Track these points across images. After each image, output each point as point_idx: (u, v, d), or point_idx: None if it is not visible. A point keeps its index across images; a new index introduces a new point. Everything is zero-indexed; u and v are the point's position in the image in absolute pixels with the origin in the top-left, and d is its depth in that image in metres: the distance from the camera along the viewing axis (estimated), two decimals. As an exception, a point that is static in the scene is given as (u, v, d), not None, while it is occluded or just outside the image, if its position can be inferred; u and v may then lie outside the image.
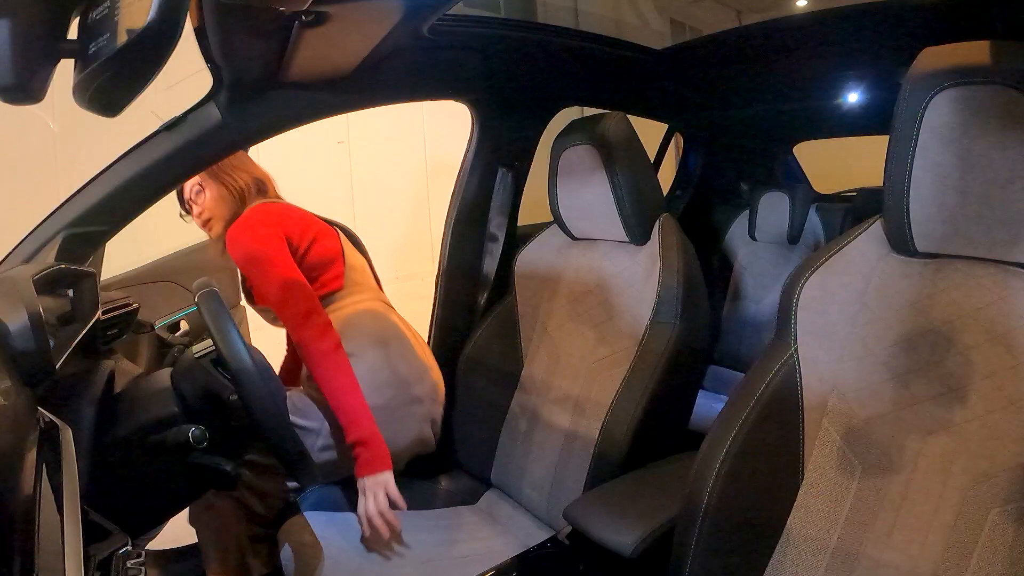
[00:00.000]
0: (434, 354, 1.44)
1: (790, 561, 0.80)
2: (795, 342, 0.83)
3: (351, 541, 1.17)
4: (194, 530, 1.29)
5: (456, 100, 1.51)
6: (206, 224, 1.35)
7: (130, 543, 0.60)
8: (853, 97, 1.80)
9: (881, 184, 0.78)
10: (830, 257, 0.83)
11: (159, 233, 1.50)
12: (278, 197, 1.41)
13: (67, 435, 0.65)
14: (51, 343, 0.69)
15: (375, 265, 1.47)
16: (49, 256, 0.97)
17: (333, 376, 1.16)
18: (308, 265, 1.29)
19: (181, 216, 1.39)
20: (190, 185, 1.32)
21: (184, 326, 1.56)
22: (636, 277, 1.20)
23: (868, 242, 0.82)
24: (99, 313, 0.94)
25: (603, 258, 1.27)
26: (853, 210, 2.06)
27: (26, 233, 1.04)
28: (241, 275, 1.47)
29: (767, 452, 0.80)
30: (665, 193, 2.33)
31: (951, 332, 0.74)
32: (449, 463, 1.45)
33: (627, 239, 1.22)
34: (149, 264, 1.61)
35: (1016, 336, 0.70)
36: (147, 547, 1.31)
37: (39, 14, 0.51)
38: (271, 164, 1.43)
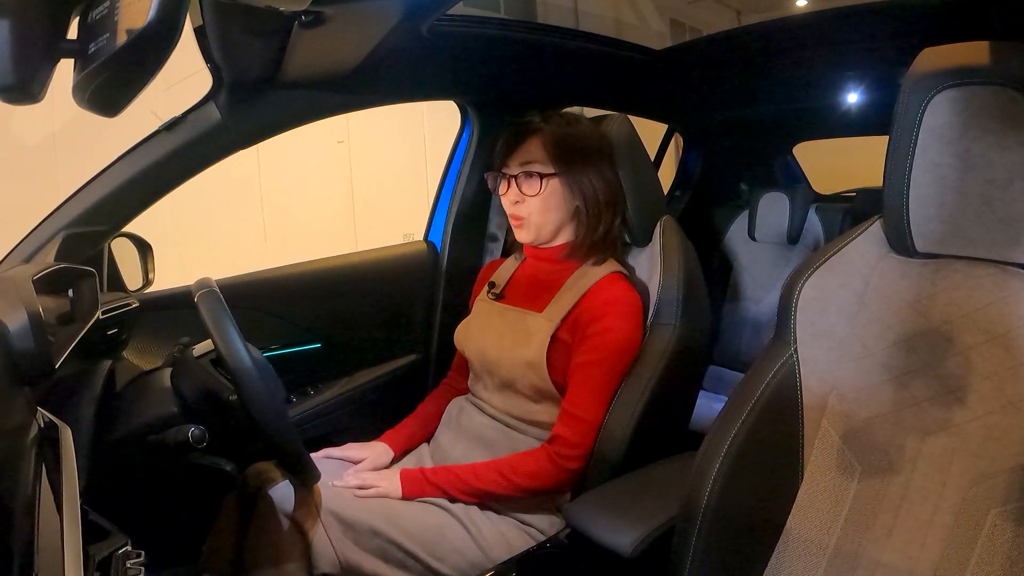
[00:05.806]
0: (435, 354, 1.40)
1: (789, 561, 0.80)
2: (795, 342, 0.83)
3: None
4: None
5: (455, 100, 1.51)
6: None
7: (130, 543, 0.60)
8: (853, 97, 1.80)
9: (881, 184, 0.78)
10: (829, 257, 0.83)
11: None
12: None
13: (67, 435, 0.65)
14: (51, 343, 0.69)
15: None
16: (49, 256, 0.97)
17: (506, 491, 1.05)
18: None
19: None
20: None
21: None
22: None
23: (867, 242, 0.82)
24: (99, 313, 0.94)
25: (603, 258, 1.26)
26: (853, 210, 2.05)
27: (26, 233, 1.04)
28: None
29: (766, 452, 0.80)
30: (665, 193, 2.33)
31: (950, 332, 0.74)
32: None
33: (628, 241, 1.22)
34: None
35: (1015, 337, 0.70)
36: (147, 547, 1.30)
37: (39, 14, 0.51)
38: (271, 164, 1.40)
